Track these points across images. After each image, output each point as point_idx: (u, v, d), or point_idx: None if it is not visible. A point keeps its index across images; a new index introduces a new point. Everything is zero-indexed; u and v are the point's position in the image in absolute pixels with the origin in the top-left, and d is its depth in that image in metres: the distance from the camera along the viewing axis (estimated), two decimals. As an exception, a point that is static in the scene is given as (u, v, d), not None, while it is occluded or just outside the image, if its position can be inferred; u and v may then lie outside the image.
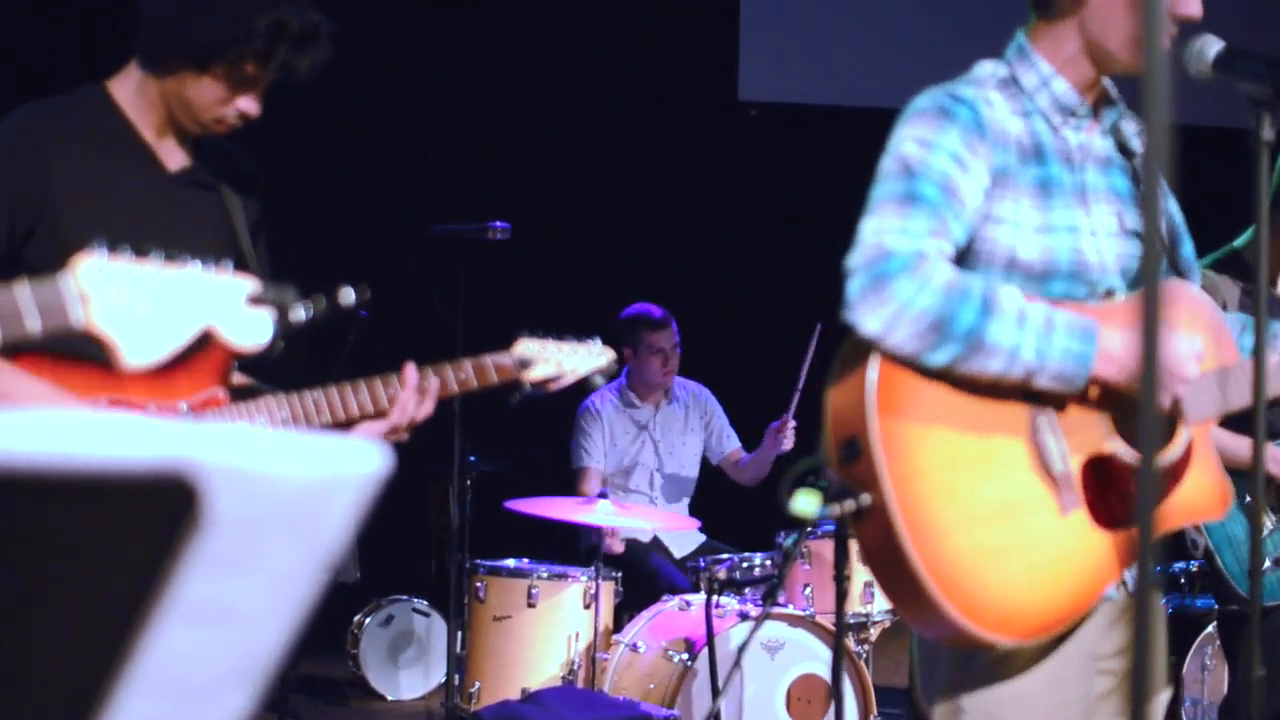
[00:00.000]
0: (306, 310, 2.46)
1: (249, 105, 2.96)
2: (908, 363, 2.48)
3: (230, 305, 2.26)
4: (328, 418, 2.94)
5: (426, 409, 3.02)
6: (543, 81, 8.88)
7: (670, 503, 6.77)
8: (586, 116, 8.98)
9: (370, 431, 2.96)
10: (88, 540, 0.90)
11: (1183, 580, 5.94)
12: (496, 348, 3.13)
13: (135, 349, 2.18)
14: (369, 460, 1.01)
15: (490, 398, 3.25)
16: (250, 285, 2.30)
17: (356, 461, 1.00)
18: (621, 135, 9.05)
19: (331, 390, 2.95)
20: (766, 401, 7.24)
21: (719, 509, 6.98)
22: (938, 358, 2.46)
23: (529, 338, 3.15)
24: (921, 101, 2.66)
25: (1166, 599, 5.88)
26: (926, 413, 2.51)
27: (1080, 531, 2.59)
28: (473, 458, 6.37)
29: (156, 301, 2.20)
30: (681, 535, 6.74)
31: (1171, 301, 2.75)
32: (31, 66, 7.08)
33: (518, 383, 3.13)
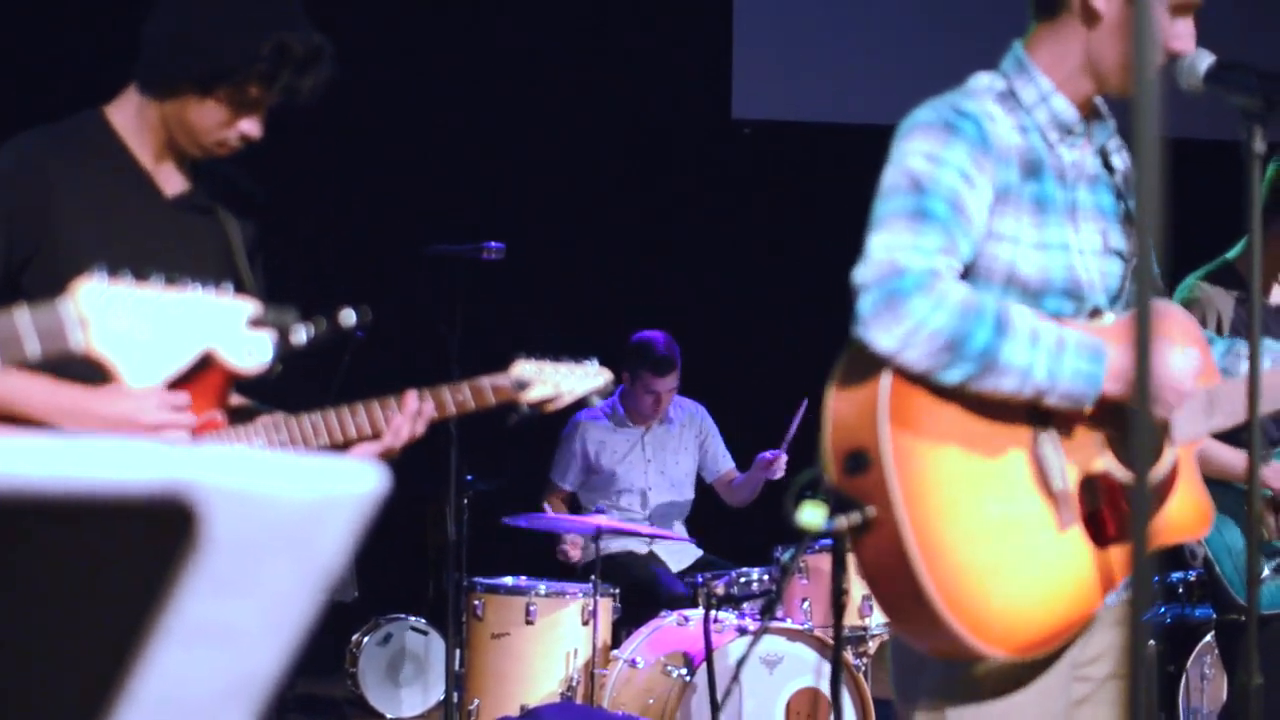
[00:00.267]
0: (307, 332, 2.46)
1: (251, 127, 2.96)
2: (919, 378, 2.47)
3: (231, 327, 2.26)
4: (325, 440, 2.94)
5: (419, 429, 3.03)
6: (536, 101, 8.89)
7: (663, 525, 6.75)
8: (580, 136, 8.99)
9: (364, 452, 2.97)
10: (87, 562, 0.91)
11: (1181, 590, 5.94)
12: (493, 367, 3.13)
13: (136, 372, 2.18)
14: (366, 480, 1.01)
15: (487, 417, 3.25)
16: (251, 307, 2.30)
17: (353, 482, 1.01)
18: (615, 154, 9.06)
19: (329, 413, 2.96)
20: (761, 419, 7.24)
21: (716, 524, 6.97)
22: (951, 376, 2.45)
23: (526, 359, 3.15)
24: (924, 115, 2.63)
25: (1165, 609, 5.89)
26: (936, 427, 2.50)
27: (1077, 548, 2.60)
28: (470, 476, 6.37)
29: (157, 324, 2.20)
30: (677, 550, 6.73)
31: (1162, 319, 2.76)
32: (28, 92, 7.10)
33: (515, 404, 3.13)
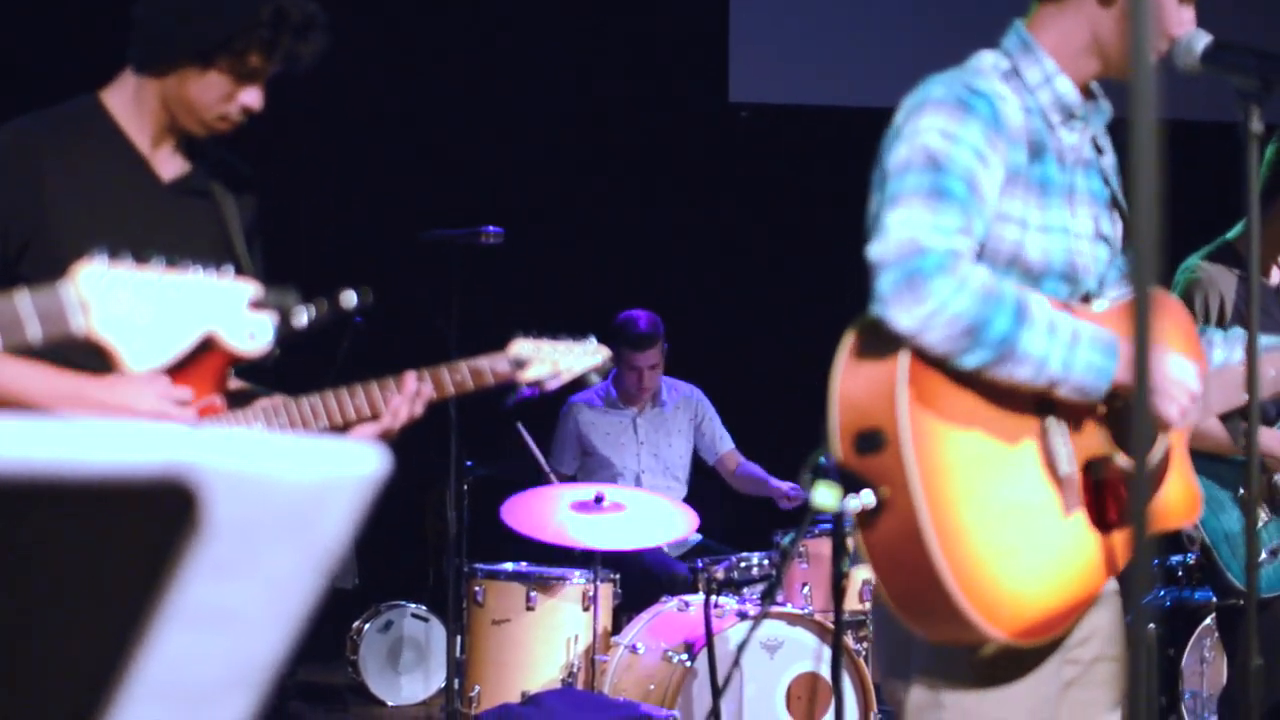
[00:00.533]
0: (308, 313, 2.46)
1: (252, 99, 2.96)
2: (937, 359, 2.45)
3: (232, 310, 2.26)
4: (325, 422, 2.94)
5: (418, 410, 3.02)
6: (533, 85, 8.88)
7: None
8: (576, 119, 8.98)
9: (363, 434, 2.97)
10: (89, 546, 0.91)
11: (1180, 573, 5.94)
12: (491, 351, 3.12)
13: (137, 355, 2.18)
14: (367, 462, 1.01)
15: (486, 401, 3.25)
16: (251, 289, 2.29)
17: (354, 464, 1.01)
18: (612, 138, 9.05)
19: (328, 395, 2.96)
20: (761, 402, 7.26)
21: (715, 509, 6.97)
22: (968, 361, 2.43)
23: (524, 338, 3.14)
24: (936, 91, 2.60)
25: (1164, 592, 5.89)
26: (951, 408, 2.48)
27: (1080, 532, 2.60)
28: (469, 462, 6.37)
29: (158, 307, 2.19)
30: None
31: (1157, 307, 2.75)
32: (22, 78, 7.08)
33: (514, 383, 3.13)
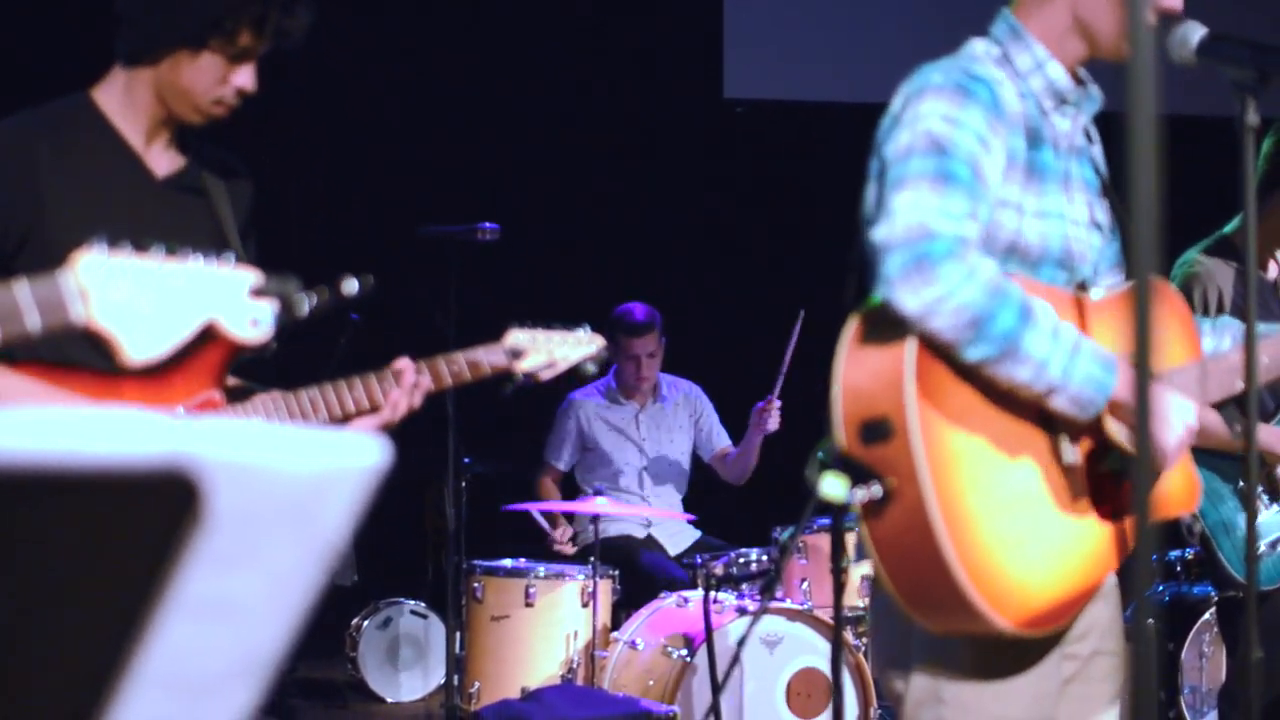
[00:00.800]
0: (310, 301, 2.45)
1: (246, 80, 2.95)
2: (944, 347, 2.43)
3: (233, 298, 2.25)
4: (324, 415, 2.94)
5: (416, 401, 3.02)
6: (528, 81, 8.88)
7: (660, 503, 6.75)
8: (572, 116, 8.98)
9: (362, 426, 2.97)
10: (91, 537, 0.91)
11: (1179, 568, 5.95)
12: (487, 342, 3.13)
13: (137, 344, 2.17)
14: (369, 454, 1.01)
15: (484, 396, 3.25)
16: (252, 277, 2.28)
17: (356, 455, 1.01)
18: (607, 133, 9.05)
19: (327, 388, 2.95)
20: (755, 396, 7.23)
21: (714, 505, 6.98)
22: (971, 354, 2.41)
23: (519, 328, 3.15)
24: (936, 77, 2.59)
25: (1163, 586, 5.89)
26: (958, 397, 2.46)
27: (1085, 521, 2.59)
28: (467, 459, 6.37)
29: (158, 296, 2.18)
30: (676, 532, 6.74)
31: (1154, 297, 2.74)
32: (11, 78, 7.07)
33: (510, 373, 3.13)
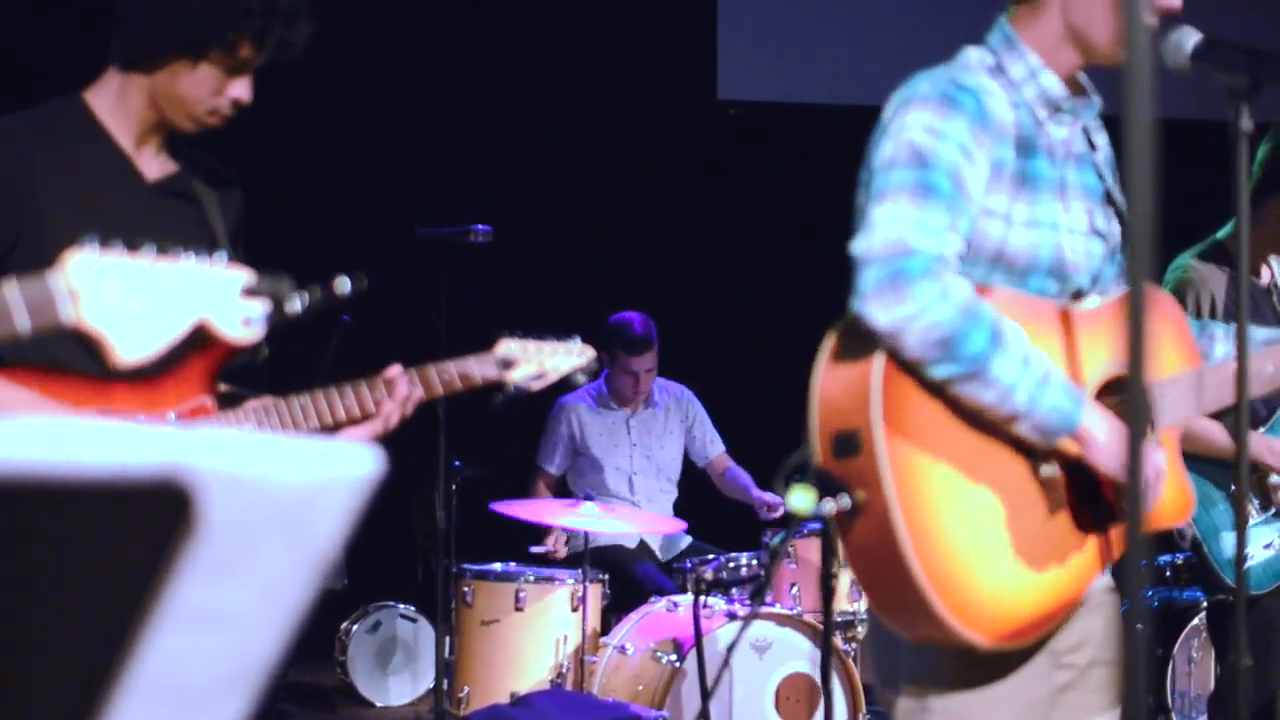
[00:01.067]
0: (302, 301, 2.44)
1: (242, 91, 2.95)
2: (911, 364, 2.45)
3: (225, 297, 2.24)
4: (315, 423, 2.93)
5: (408, 411, 3.03)
6: (521, 83, 8.88)
7: (651, 507, 6.75)
8: (565, 117, 8.98)
9: (354, 435, 2.96)
10: (84, 547, 0.90)
11: (1168, 573, 5.96)
12: (480, 349, 3.13)
13: (128, 345, 2.15)
14: (361, 463, 1.01)
15: (473, 401, 3.25)
16: (244, 277, 2.27)
17: (349, 464, 1.00)
18: (601, 136, 9.05)
19: (318, 395, 2.95)
20: (750, 402, 7.25)
21: (704, 510, 6.97)
22: (938, 372, 2.42)
23: (510, 338, 3.15)
24: (923, 87, 2.60)
25: (1152, 592, 5.90)
26: (927, 412, 2.47)
27: (1063, 534, 2.59)
28: (457, 463, 6.37)
29: (149, 296, 2.17)
30: (667, 537, 6.73)
31: (1149, 305, 2.74)
32: (4, 78, 7.06)
33: (501, 384, 3.13)
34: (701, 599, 5.37)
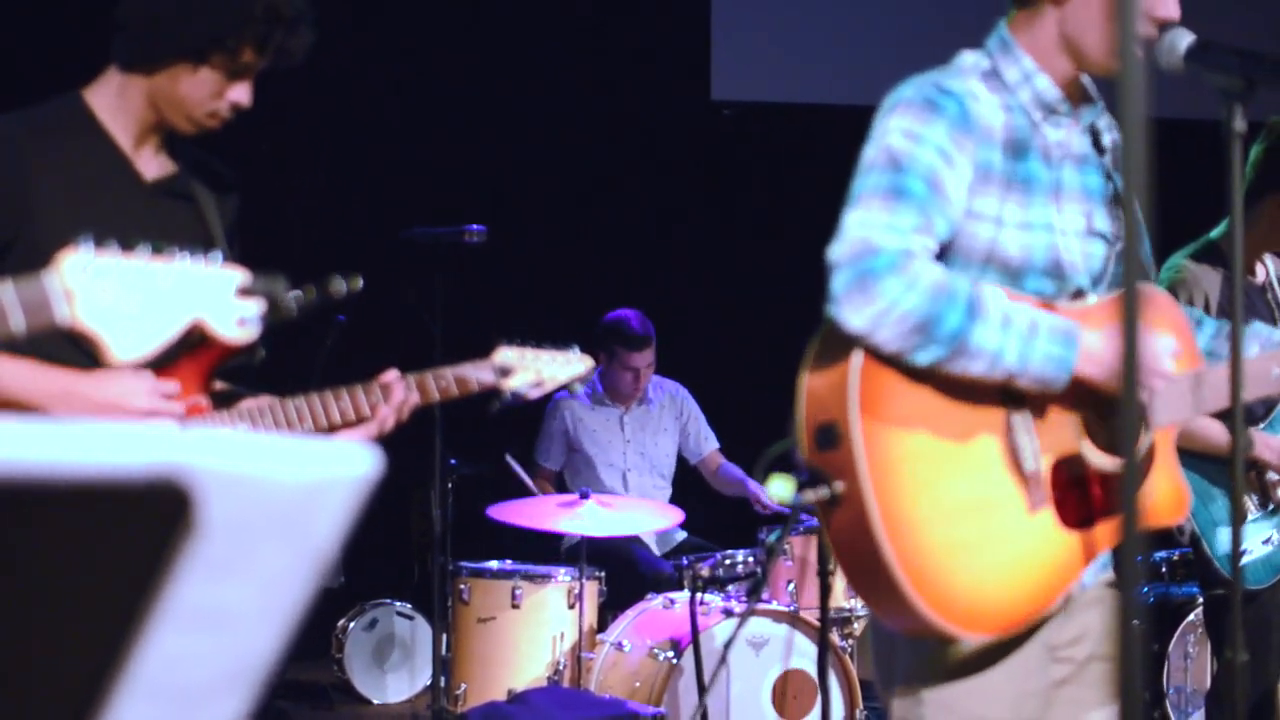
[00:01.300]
0: (297, 300, 2.45)
1: (241, 95, 2.96)
2: (892, 358, 2.48)
3: (220, 297, 2.24)
4: (310, 425, 2.94)
5: (404, 416, 3.03)
6: (515, 82, 8.87)
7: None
8: (559, 118, 8.97)
9: (349, 438, 2.97)
10: (83, 547, 0.91)
11: (1164, 569, 5.97)
12: (475, 350, 3.13)
13: (123, 344, 2.16)
14: (359, 463, 1.01)
15: (470, 402, 3.25)
16: (239, 277, 2.28)
17: (347, 465, 1.01)
18: (595, 137, 9.04)
19: (314, 397, 2.95)
20: (745, 400, 7.23)
21: (700, 506, 6.98)
22: (921, 358, 2.46)
23: (508, 346, 3.16)
24: (907, 92, 2.63)
25: (1148, 587, 5.91)
26: (907, 404, 2.51)
27: (1046, 530, 2.60)
28: (453, 460, 6.37)
29: (144, 295, 2.17)
30: (662, 533, 6.73)
31: (1146, 304, 2.76)
32: (3, 77, 7.06)
33: (497, 391, 3.14)
34: (698, 596, 5.37)
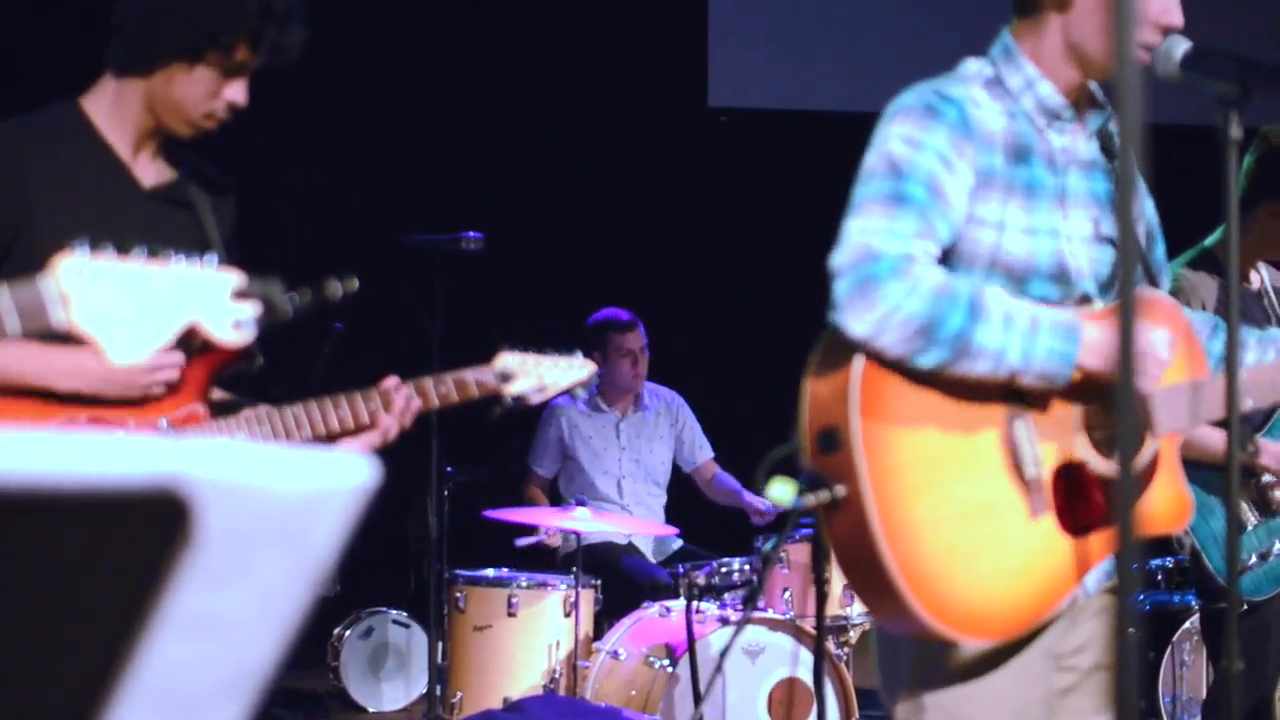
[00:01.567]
0: (293, 303, 2.45)
1: (238, 94, 2.96)
2: (894, 363, 2.49)
3: (215, 300, 2.24)
4: (308, 432, 2.94)
5: (406, 423, 3.03)
6: (513, 89, 8.88)
7: (640, 511, 6.75)
8: (557, 125, 8.98)
9: (352, 446, 2.96)
10: (82, 557, 0.91)
11: (1160, 577, 5.97)
12: (473, 357, 3.12)
13: (119, 348, 2.15)
14: (357, 473, 1.01)
15: (467, 409, 3.25)
16: (235, 279, 2.28)
17: (345, 474, 1.01)
18: (592, 143, 9.05)
19: (311, 405, 2.95)
20: (742, 407, 7.24)
21: (695, 514, 6.98)
22: (925, 361, 2.47)
23: (509, 351, 3.15)
24: (908, 99, 2.65)
25: (1145, 596, 5.91)
26: (908, 409, 2.51)
27: (1047, 536, 2.61)
28: (450, 469, 6.37)
29: (140, 298, 2.17)
30: (658, 540, 6.74)
31: (1145, 311, 2.76)
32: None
33: (499, 396, 3.13)
34: (694, 604, 5.37)
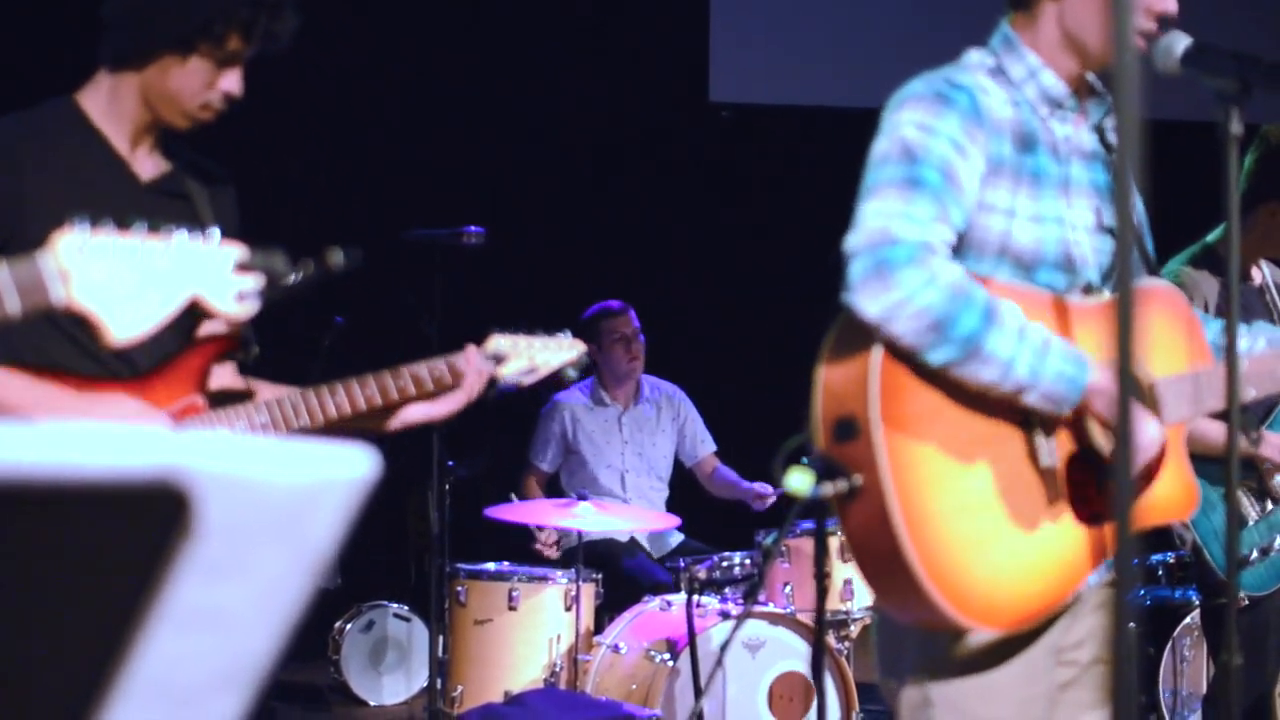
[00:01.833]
0: (296, 274, 2.44)
1: (233, 84, 2.96)
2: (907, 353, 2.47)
3: (216, 274, 2.23)
4: (306, 422, 2.93)
5: (475, 393, 3.08)
6: (513, 85, 8.88)
7: (643, 504, 6.76)
8: (558, 120, 8.98)
9: (417, 415, 3.02)
10: (81, 549, 0.91)
11: (1161, 572, 5.97)
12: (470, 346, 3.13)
13: (120, 323, 2.15)
14: (356, 465, 1.02)
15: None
16: (237, 252, 2.27)
17: (344, 467, 1.01)
18: (593, 138, 9.05)
19: (309, 394, 2.95)
20: (743, 401, 7.24)
21: (697, 508, 6.98)
22: (934, 357, 2.45)
23: (501, 333, 3.16)
24: (918, 86, 2.65)
25: (1145, 591, 5.91)
26: (926, 398, 2.50)
27: (1062, 525, 2.61)
28: (451, 462, 6.37)
29: (140, 274, 2.17)
30: (659, 535, 6.74)
31: (1148, 300, 2.77)
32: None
33: (492, 378, 3.14)
34: (695, 598, 5.37)
